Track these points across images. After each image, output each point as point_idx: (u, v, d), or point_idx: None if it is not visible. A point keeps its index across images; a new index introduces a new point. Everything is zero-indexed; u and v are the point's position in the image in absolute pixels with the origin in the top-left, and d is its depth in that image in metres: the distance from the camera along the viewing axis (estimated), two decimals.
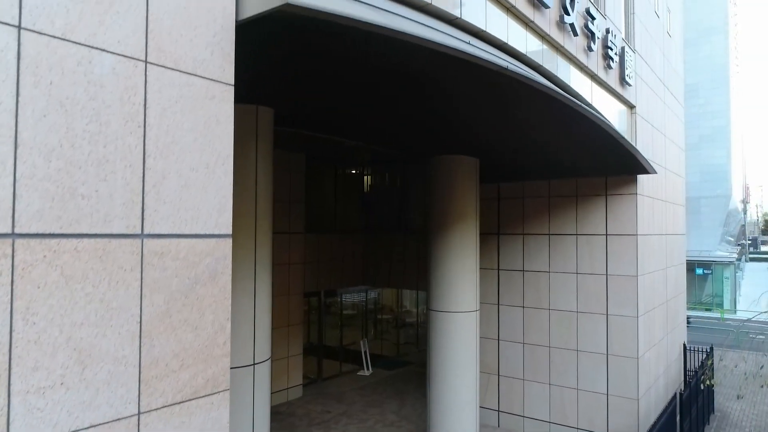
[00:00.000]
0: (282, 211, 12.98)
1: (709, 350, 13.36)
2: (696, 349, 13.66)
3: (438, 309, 9.86)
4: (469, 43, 5.13)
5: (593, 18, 8.01)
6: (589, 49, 8.01)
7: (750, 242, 74.73)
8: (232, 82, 2.96)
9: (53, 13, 2.26)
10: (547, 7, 6.55)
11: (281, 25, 3.58)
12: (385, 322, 19.44)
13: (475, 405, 9.86)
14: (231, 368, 5.98)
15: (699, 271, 34.47)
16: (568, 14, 7.06)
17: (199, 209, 2.78)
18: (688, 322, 16.85)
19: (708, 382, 10.62)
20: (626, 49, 9.83)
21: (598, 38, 8.27)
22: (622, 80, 9.66)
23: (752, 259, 66.61)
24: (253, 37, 3.55)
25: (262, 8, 2.88)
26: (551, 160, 10.29)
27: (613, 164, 9.98)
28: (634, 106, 10.62)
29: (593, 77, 8.65)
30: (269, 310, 6.32)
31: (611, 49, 8.85)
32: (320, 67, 4.91)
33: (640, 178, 10.54)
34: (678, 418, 9.91)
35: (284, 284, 13.20)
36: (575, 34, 7.40)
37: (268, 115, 6.31)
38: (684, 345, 14.01)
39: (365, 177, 17.10)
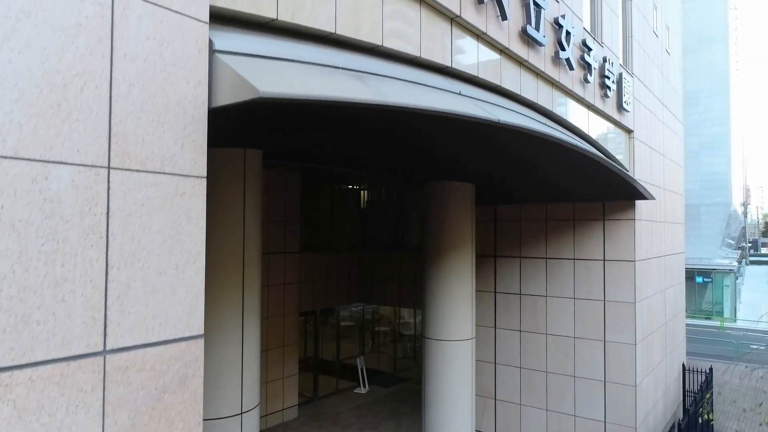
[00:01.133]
0: (277, 230, 12.84)
1: (708, 372, 13.20)
2: (695, 369, 13.50)
3: (433, 337, 9.73)
4: (459, 93, 5.00)
5: (590, 49, 7.86)
6: (586, 80, 7.87)
7: (750, 245, 74.54)
8: (204, 174, 2.82)
9: (5, 131, 2.12)
10: (541, 45, 6.41)
11: (259, 107, 3.44)
12: (383, 335, 19.30)
13: None
14: (218, 419, 5.88)
15: (699, 279, 34.31)
16: (564, 50, 6.92)
17: (168, 314, 2.65)
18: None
19: (706, 416, 10.49)
20: (624, 75, 9.69)
21: (594, 69, 8.13)
22: (620, 107, 9.52)
23: (752, 262, 66.42)
24: (230, 114, 3.41)
25: (235, 99, 2.75)
26: (548, 185, 10.16)
27: (610, 191, 9.85)
28: (632, 131, 10.48)
29: (590, 107, 8.51)
30: (258, 360, 6.19)
31: (608, 78, 8.71)
32: (303, 125, 4.77)
33: (639, 202, 10.41)
34: None
35: (279, 304, 13.07)
36: (571, 68, 7.26)
37: (256, 156, 6.17)
38: (683, 365, 13.87)
39: (362, 192, 16.96)
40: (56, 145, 2.26)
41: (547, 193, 10.81)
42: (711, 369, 13.37)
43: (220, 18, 3.15)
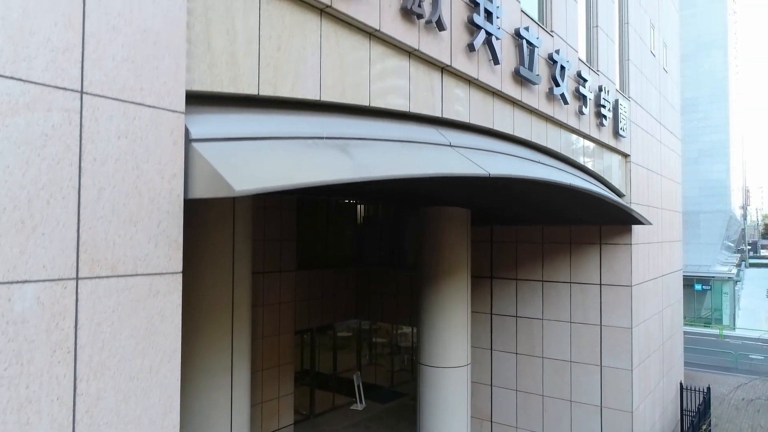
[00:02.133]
0: (273, 249, 12.75)
1: (706, 393, 13.12)
2: (692, 388, 13.43)
3: (428, 364, 9.66)
4: (449, 145, 4.92)
5: (585, 80, 7.78)
6: (581, 112, 7.78)
7: (749, 247, 74.39)
8: (180, 269, 2.74)
9: None
10: (535, 84, 6.33)
11: None
12: (380, 346, 19.23)
13: None
14: None
15: (698, 287, 34.22)
16: (558, 85, 6.83)
17: (141, 419, 2.57)
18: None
19: None
20: (620, 101, 9.60)
21: (590, 100, 8.05)
22: (616, 133, 9.43)
23: (752, 265, 66.24)
24: None
25: (212, 194, 2.67)
26: (544, 211, 10.09)
27: (607, 216, 9.79)
28: (629, 155, 10.40)
29: (586, 137, 8.43)
30: (248, 405, 6.11)
31: (604, 107, 8.62)
32: None
33: (635, 226, 10.33)
34: None
35: (275, 324, 12.98)
36: (566, 102, 7.16)
37: (245, 199, 6.10)
38: (681, 384, 13.80)
39: (358, 207, 16.87)
40: (20, 264, 2.18)
41: (543, 217, 10.74)
42: (709, 389, 13.30)
43: (198, 98, 3.07)
